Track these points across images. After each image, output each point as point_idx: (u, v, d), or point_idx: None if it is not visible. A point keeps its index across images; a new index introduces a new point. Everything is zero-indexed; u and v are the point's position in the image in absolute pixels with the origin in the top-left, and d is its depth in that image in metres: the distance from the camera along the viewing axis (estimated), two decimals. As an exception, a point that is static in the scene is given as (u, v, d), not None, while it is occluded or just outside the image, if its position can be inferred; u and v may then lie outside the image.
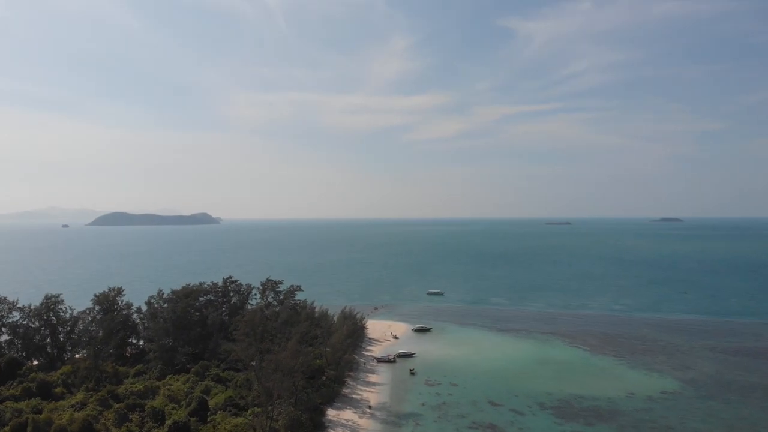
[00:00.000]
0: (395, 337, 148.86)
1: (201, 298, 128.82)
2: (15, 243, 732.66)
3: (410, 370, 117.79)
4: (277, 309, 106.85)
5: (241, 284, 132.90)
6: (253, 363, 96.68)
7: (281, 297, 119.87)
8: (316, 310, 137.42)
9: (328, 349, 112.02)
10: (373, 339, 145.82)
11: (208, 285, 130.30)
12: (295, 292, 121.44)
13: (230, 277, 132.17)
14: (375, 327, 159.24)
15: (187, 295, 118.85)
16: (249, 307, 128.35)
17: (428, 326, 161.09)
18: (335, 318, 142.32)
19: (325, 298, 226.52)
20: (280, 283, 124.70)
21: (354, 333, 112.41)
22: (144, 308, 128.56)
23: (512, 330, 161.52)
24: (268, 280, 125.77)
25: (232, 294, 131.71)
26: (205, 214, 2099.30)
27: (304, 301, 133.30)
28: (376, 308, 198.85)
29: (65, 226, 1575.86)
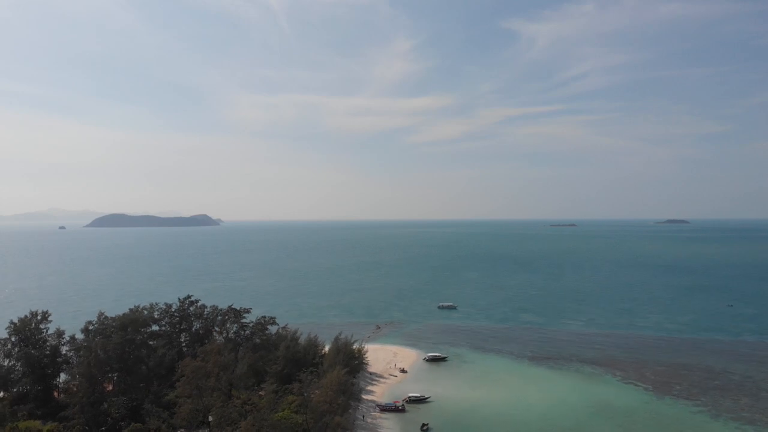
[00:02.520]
0: (403, 371, 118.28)
1: (154, 327, 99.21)
2: (4, 246, 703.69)
3: (423, 426, 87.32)
4: (238, 354, 76.31)
5: (204, 306, 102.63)
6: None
7: (247, 332, 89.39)
8: (301, 339, 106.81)
9: (315, 393, 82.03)
10: (374, 374, 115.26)
11: (161, 308, 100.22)
12: (267, 326, 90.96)
13: (189, 297, 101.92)
14: (377, 355, 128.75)
15: (126, 325, 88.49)
16: (216, 335, 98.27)
17: (443, 354, 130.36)
18: (327, 346, 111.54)
19: (322, 312, 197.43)
20: (247, 312, 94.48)
21: (349, 383, 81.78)
22: (81, 337, 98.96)
23: (548, 359, 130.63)
24: (229, 308, 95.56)
25: (193, 319, 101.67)
26: (204, 216, 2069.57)
27: (284, 328, 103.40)
28: (378, 327, 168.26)
29: (62, 227, 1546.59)
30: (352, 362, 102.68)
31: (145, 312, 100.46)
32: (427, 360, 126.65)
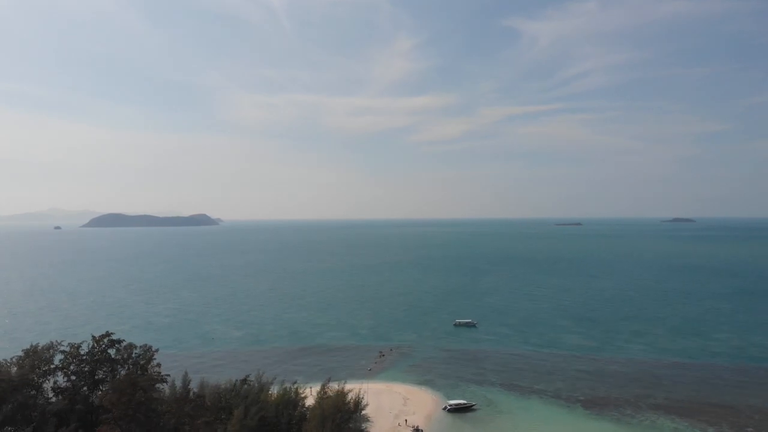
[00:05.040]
0: (417, 430, 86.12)
1: (56, 381, 67.41)
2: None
3: None
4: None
5: (132, 346, 70.52)
6: None
7: (157, 421, 56.13)
8: (273, 392, 74.72)
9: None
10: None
11: (64, 351, 68.30)
12: (193, 414, 57.40)
13: (108, 335, 69.73)
14: (381, 401, 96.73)
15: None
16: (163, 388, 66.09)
17: (469, 402, 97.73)
18: (315, 392, 79.11)
19: (316, 331, 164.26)
20: (162, 381, 62.10)
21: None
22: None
23: (609, 404, 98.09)
24: (139, 371, 63.20)
25: (118, 365, 69.63)
26: (204, 215, 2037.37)
27: (244, 380, 71.42)
28: (382, 354, 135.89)
29: (57, 227, 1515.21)
30: (345, 427, 70.42)
31: (45, 354, 68.93)
32: (449, 410, 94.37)
